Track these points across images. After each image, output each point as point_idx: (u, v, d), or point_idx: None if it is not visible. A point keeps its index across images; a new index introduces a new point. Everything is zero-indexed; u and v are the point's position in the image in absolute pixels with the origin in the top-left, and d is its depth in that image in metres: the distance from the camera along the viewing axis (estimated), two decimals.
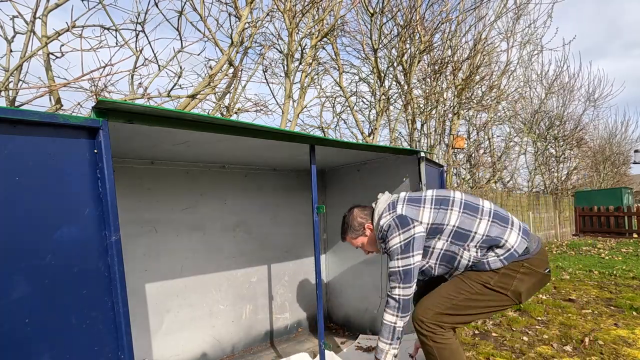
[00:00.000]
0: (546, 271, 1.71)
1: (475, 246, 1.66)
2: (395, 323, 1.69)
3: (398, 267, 1.67)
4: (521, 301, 1.68)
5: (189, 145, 1.94)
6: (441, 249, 1.70)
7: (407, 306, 1.68)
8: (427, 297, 1.76)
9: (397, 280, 1.67)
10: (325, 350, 2.14)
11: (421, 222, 1.69)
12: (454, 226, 1.68)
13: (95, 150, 1.14)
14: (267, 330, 3.01)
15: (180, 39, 3.02)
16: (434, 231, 1.69)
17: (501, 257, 1.65)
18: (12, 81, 2.27)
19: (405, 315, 1.69)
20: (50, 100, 2.41)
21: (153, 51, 2.78)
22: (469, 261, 1.68)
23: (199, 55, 4.75)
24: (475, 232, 1.66)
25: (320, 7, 4.79)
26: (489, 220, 1.68)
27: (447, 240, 1.68)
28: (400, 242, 1.66)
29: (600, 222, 10.89)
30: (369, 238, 1.90)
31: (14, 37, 2.34)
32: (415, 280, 1.69)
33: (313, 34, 4.85)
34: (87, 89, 2.51)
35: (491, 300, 1.69)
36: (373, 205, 1.91)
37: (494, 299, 1.69)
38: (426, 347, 1.72)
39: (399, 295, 1.67)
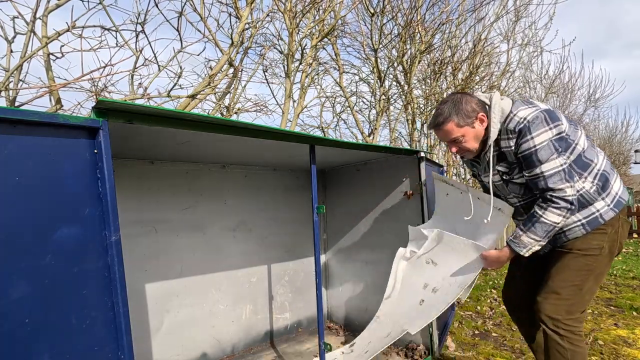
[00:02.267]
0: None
1: (592, 180, 1.53)
2: (558, 224, 1.48)
3: (557, 166, 1.44)
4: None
5: (189, 145, 1.94)
6: None
7: (576, 205, 1.49)
8: (547, 291, 1.61)
9: (561, 180, 1.44)
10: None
11: None
12: (583, 149, 1.53)
13: (95, 150, 1.14)
14: (267, 330, 3.01)
15: (180, 39, 3.02)
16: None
17: (611, 206, 1.54)
18: (12, 81, 2.27)
19: (570, 216, 1.50)
20: (50, 100, 2.41)
21: (153, 51, 2.78)
22: (582, 196, 1.53)
23: (199, 55, 4.74)
24: (595, 164, 1.54)
25: (320, 8, 4.79)
26: (604, 157, 1.59)
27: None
28: (552, 136, 1.44)
29: None
30: (475, 132, 1.58)
31: (14, 37, 2.34)
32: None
33: (313, 35, 4.85)
34: (87, 89, 2.51)
35: (606, 266, 1.59)
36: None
37: (607, 264, 1.59)
38: (557, 350, 1.57)
39: (572, 195, 1.44)
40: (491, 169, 1.64)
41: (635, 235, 10.15)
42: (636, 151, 16.44)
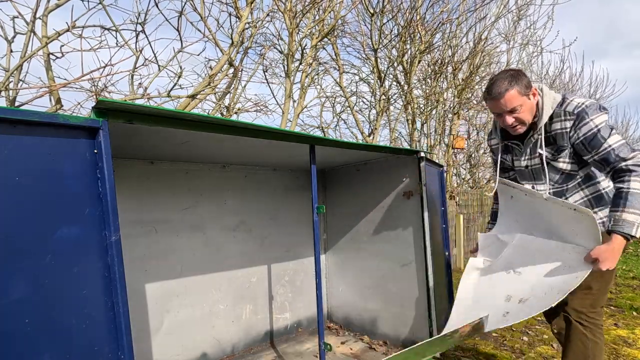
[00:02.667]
0: None
1: (606, 178, 1.64)
2: (634, 188, 1.46)
3: (620, 139, 1.51)
4: None
5: (189, 145, 1.94)
6: (588, 166, 1.64)
7: None
8: (571, 300, 1.64)
9: (630, 150, 1.49)
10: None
11: None
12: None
13: (95, 150, 1.14)
14: (267, 330, 3.01)
15: (180, 39, 3.02)
16: None
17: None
18: (12, 81, 2.27)
19: None
20: (50, 100, 2.41)
21: (153, 51, 2.78)
22: (604, 191, 1.64)
23: (199, 55, 4.74)
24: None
25: (320, 8, 4.79)
26: None
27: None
28: (607, 119, 1.53)
29: None
30: (531, 105, 1.62)
31: (14, 37, 2.34)
32: None
33: (313, 34, 4.85)
34: (87, 89, 2.52)
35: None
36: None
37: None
38: (579, 342, 1.61)
39: (627, 163, 1.48)
40: (543, 151, 1.66)
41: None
42: None
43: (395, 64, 6.18)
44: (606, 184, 1.65)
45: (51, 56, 2.42)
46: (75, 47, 2.39)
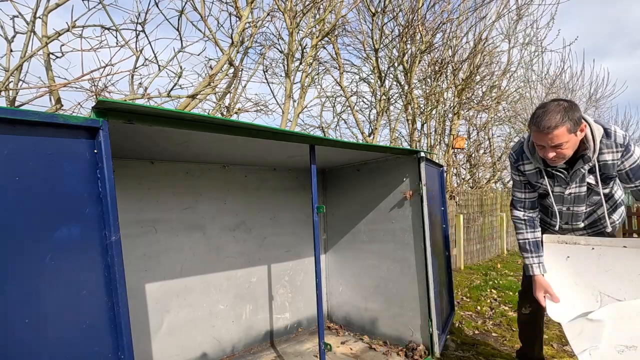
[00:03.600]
0: None
1: (620, 189, 1.83)
2: None
3: None
4: None
5: (189, 145, 1.94)
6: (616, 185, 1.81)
7: None
8: None
9: None
10: None
11: None
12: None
13: (95, 150, 1.13)
14: (267, 330, 3.01)
15: (181, 38, 3.02)
16: None
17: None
18: (12, 81, 2.27)
19: None
20: (50, 100, 2.41)
21: (153, 51, 2.78)
22: (619, 200, 1.85)
23: (199, 55, 4.74)
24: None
25: (321, 7, 4.78)
26: None
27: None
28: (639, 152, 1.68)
29: None
30: (576, 140, 1.60)
31: (14, 37, 2.34)
32: None
33: (314, 34, 4.84)
34: (87, 89, 2.51)
35: None
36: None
37: None
38: None
39: None
40: (599, 182, 1.72)
41: (635, 235, 10.15)
42: None
43: (396, 64, 6.18)
44: (620, 193, 1.85)
45: (51, 56, 2.42)
46: (75, 47, 2.40)
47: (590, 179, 1.71)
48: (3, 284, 0.96)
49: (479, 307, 3.81)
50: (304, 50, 4.97)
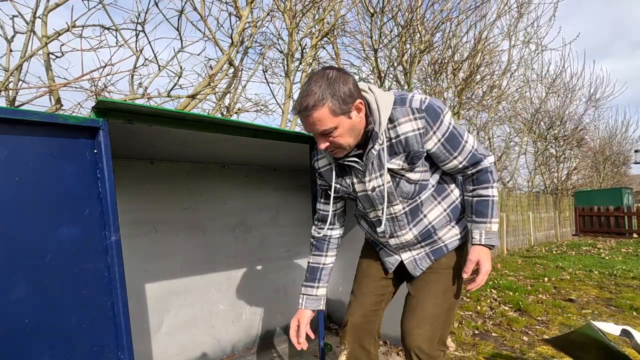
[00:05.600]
0: None
1: (456, 185, 1.42)
2: (497, 197, 1.35)
3: (472, 137, 1.31)
4: None
5: (189, 145, 1.94)
6: (439, 170, 1.37)
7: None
8: (417, 315, 1.37)
9: (483, 148, 1.33)
10: None
11: None
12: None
13: (95, 150, 1.13)
14: (267, 330, 3.01)
15: (181, 38, 3.02)
16: None
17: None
18: (12, 81, 2.27)
19: None
20: (50, 100, 2.41)
21: (153, 51, 2.78)
22: (458, 201, 1.41)
23: (199, 55, 4.75)
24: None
25: (320, 7, 4.78)
26: None
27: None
28: (452, 118, 1.27)
29: (600, 222, 10.90)
30: (351, 123, 1.19)
31: (13, 36, 2.34)
32: None
33: (313, 34, 4.84)
34: (87, 89, 2.51)
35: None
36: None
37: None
38: None
39: (491, 162, 1.33)
40: (404, 163, 1.28)
41: (635, 235, 10.15)
42: (636, 151, 16.46)
43: (395, 64, 6.18)
44: (458, 193, 1.41)
45: (51, 56, 2.42)
46: (75, 47, 2.39)
47: (392, 163, 1.27)
48: (3, 284, 0.96)
49: (479, 307, 3.81)
50: (304, 50, 4.97)
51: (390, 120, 1.23)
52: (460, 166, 1.31)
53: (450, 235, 1.40)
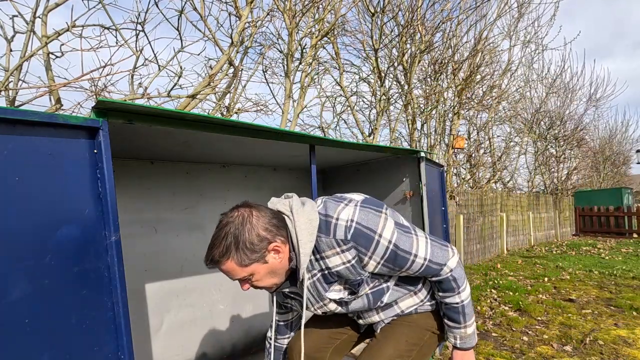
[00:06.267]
0: None
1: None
2: (468, 297, 1.23)
3: (424, 241, 1.15)
4: None
5: (189, 145, 1.94)
6: None
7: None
8: (370, 354, 1.26)
9: (445, 249, 1.17)
10: None
11: None
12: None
13: (95, 151, 1.13)
14: (267, 330, 3.01)
15: (180, 38, 3.02)
16: None
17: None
18: (12, 81, 2.27)
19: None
20: (50, 100, 2.41)
21: (153, 51, 2.78)
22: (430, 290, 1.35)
23: (199, 55, 4.75)
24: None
25: (320, 6, 4.78)
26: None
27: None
28: (390, 218, 1.12)
29: (601, 222, 10.90)
30: (269, 267, 1.10)
31: (13, 36, 2.34)
32: None
33: (313, 34, 4.84)
34: (87, 89, 2.51)
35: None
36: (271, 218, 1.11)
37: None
38: None
39: (452, 268, 1.17)
40: (345, 291, 1.18)
41: (635, 235, 10.15)
42: (637, 151, 16.46)
43: (396, 64, 6.18)
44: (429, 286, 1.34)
45: (51, 56, 2.42)
46: (75, 47, 2.39)
47: (332, 292, 1.17)
48: (3, 284, 0.96)
49: (479, 307, 3.81)
50: (304, 50, 4.97)
51: (317, 250, 1.11)
52: (414, 276, 1.19)
53: (423, 307, 1.33)
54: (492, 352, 2.70)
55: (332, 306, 1.22)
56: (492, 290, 4.51)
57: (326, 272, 1.13)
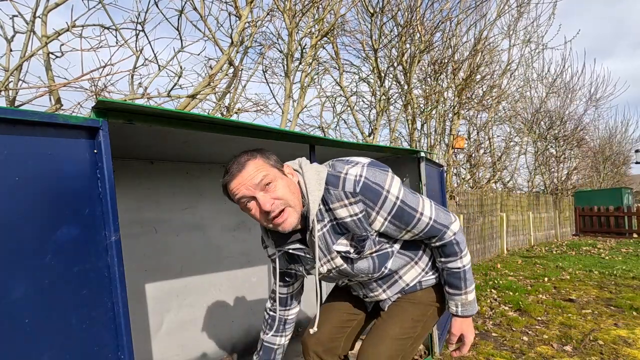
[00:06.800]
0: None
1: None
2: (469, 263, 1.26)
3: (429, 204, 1.18)
4: None
5: (189, 145, 1.94)
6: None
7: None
8: (377, 334, 1.31)
9: (447, 215, 1.20)
10: None
11: None
12: None
13: (95, 150, 1.13)
14: None
15: (180, 38, 3.02)
16: None
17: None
18: (12, 81, 2.27)
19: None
20: (50, 100, 2.41)
21: (153, 51, 2.77)
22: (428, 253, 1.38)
23: (199, 55, 4.75)
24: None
25: (320, 6, 4.78)
26: None
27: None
28: (400, 183, 1.16)
29: (601, 222, 10.91)
30: (287, 182, 1.15)
31: (13, 36, 2.34)
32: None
33: (313, 34, 4.84)
34: (87, 89, 2.51)
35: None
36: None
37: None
38: None
39: (455, 231, 1.20)
40: (350, 246, 1.20)
41: (635, 235, 10.15)
42: (636, 151, 16.47)
43: (395, 64, 6.18)
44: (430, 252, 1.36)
45: (51, 56, 2.42)
46: (75, 47, 2.39)
47: (339, 245, 1.19)
48: (3, 284, 0.96)
49: (479, 307, 3.81)
50: (304, 50, 4.97)
51: (326, 202, 1.14)
52: (418, 238, 1.21)
53: (426, 278, 1.35)
54: (492, 352, 2.70)
55: (338, 261, 1.24)
56: (492, 290, 4.51)
57: (335, 222, 1.16)
